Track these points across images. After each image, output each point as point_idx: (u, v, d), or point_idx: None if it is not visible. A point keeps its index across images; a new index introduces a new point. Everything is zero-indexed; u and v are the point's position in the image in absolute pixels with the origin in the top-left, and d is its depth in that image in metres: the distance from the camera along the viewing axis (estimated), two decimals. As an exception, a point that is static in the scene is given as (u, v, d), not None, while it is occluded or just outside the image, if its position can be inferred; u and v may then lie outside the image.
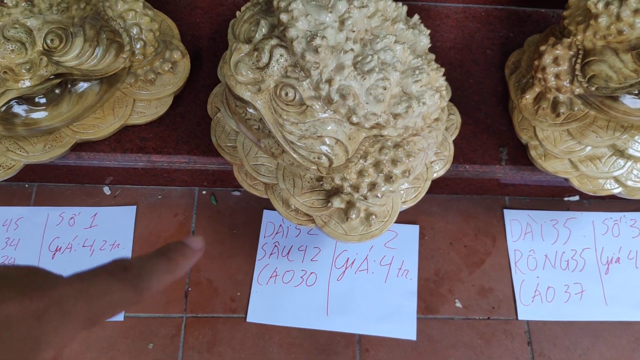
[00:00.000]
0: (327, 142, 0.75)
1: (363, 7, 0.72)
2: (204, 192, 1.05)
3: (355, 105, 0.71)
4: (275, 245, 1.00)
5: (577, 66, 0.80)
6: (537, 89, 0.87)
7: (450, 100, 0.96)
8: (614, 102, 0.80)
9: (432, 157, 0.91)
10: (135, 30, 0.86)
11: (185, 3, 1.04)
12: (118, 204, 1.03)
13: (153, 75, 0.91)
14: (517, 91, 0.93)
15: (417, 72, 0.74)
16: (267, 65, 0.73)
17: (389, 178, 0.80)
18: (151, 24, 0.88)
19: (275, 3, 0.73)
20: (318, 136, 0.74)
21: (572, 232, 1.05)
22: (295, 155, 0.76)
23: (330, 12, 0.70)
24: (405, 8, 0.80)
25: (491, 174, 0.95)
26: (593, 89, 0.79)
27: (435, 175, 0.90)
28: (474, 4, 1.07)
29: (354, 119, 0.72)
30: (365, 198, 0.81)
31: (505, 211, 1.05)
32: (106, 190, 1.04)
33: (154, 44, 0.89)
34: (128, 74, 0.90)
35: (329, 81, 0.71)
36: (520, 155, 0.93)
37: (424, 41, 0.79)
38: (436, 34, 1.04)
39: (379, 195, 0.80)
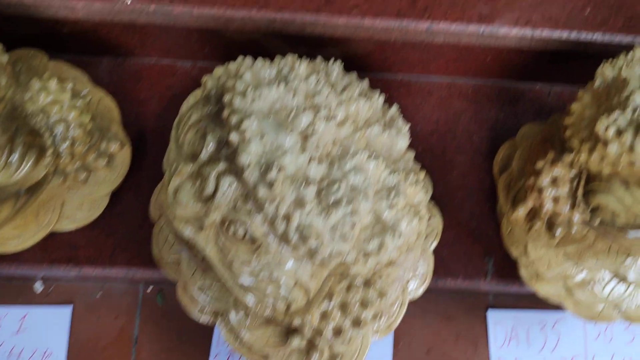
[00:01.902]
0: (284, 284, 0.63)
1: (330, 118, 0.60)
2: (149, 289, 0.92)
3: (319, 245, 0.59)
4: (230, 358, 0.89)
5: (580, 191, 0.69)
6: (530, 204, 0.75)
7: (431, 198, 0.84)
8: (621, 233, 0.69)
9: (409, 274, 0.79)
10: (60, 128, 0.72)
11: (129, 73, 0.90)
12: (51, 303, 0.90)
13: (85, 174, 0.77)
14: (507, 197, 0.81)
15: (392, 194, 0.62)
16: (213, 196, 0.61)
17: (357, 322, 0.68)
18: (81, 117, 0.74)
19: (225, 114, 0.60)
20: (273, 279, 0.62)
21: (561, 336, 0.94)
22: (245, 299, 0.64)
23: (291, 131, 0.58)
24: (380, 101, 0.68)
25: (475, 287, 0.84)
26: (596, 222, 0.68)
27: (412, 297, 0.79)
28: (461, 77, 0.94)
29: (317, 258, 0.60)
30: (330, 345, 0.69)
31: (489, 312, 0.94)
32: (38, 286, 0.90)
33: (85, 140, 0.75)
34: (54, 174, 0.76)
35: (287, 217, 0.58)
36: (508, 267, 0.82)
37: (402, 143, 0.67)
38: (416, 115, 0.91)
39: (346, 342, 0.69)
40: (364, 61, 0.90)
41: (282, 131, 0.57)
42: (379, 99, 0.68)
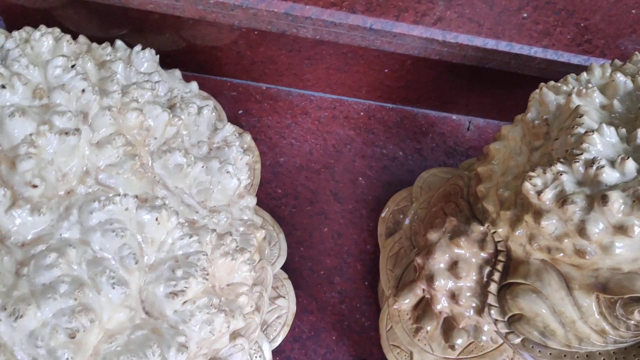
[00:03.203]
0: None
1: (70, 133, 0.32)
2: None
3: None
4: None
5: (492, 286, 0.42)
6: (419, 293, 0.48)
7: (286, 262, 0.56)
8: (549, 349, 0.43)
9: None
10: None
11: None
12: None
13: None
14: (390, 275, 0.53)
15: (180, 273, 0.35)
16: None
17: None
18: None
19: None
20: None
21: None
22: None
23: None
24: (207, 112, 0.41)
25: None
26: (517, 341, 0.41)
27: None
28: (350, 95, 0.67)
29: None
30: None
31: None
32: None
33: None
34: None
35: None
36: (387, 379, 0.54)
37: (230, 184, 0.40)
38: (282, 141, 0.63)
39: None
40: (204, 57, 0.61)
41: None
42: (201, 111, 0.41)
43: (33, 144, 0.33)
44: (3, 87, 0.33)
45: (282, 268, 0.55)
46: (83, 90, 0.35)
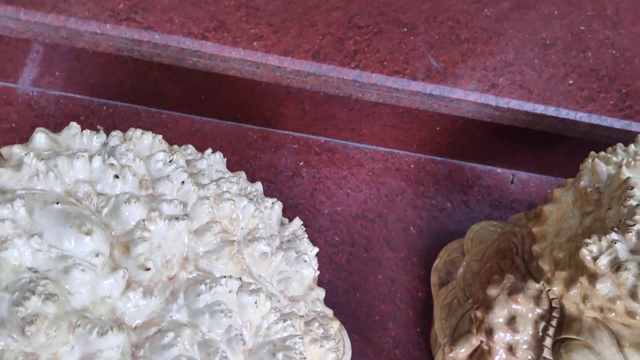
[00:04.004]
0: None
1: (180, 219, 0.36)
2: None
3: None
4: None
5: (547, 341, 0.45)
6: (475, 343, 0.52)
7: (342, 307, 0.60)
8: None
9: None
10: None
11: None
12: None
13: None
14: (445, 324, 0.57)
15: (280, 358, 0.39)
16: None
17: None
18: None
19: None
20: None
21: None
22: None
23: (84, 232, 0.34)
24: (276, 210, 0.45)
25: None
26: (571, 392, 0.44)
27: None
28: (401, 149, 0.72)
29: None
30: None
31: None
32: None
33: None
34: None
35: None
36: (440, 422, 0.58)
37: (306, 273, 0.44)
38: (339, 192, 0.68)
39: None
40: (271, 113, 0.67)
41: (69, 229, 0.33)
42: (273, 206, 0.45)
43: (145, 229, 0.36)
44: (116, 177, 0.37)
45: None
46: (183, 182, 0.39)
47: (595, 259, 0.41)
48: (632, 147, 0.48)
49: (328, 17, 0.60)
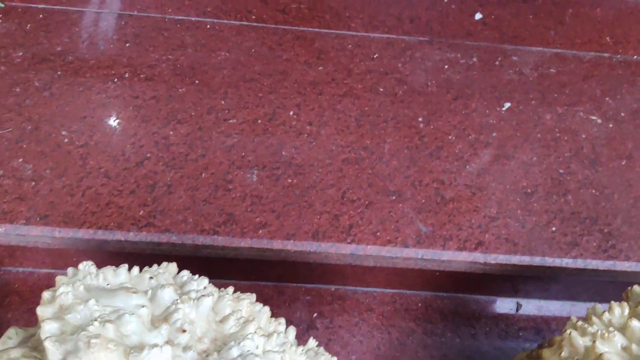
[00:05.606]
0: None
1: None
2: None
3: None
4: None
5: None
6: None
7: None
8: None
9: None
10: None
11: (-2, 284, 0.73)
12: None
13: None
14: None
15: None
16: None
17: None
18: None
19: None
20: None
21: None
22: None
23: None
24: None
25: None
26: None
27: None
28: (407, 289, 0.77)
29: None
30: None
31: None
32: None
33: None
34: None
35: None
36: None
37: None
38: (352, 340, 0.73)
39: None
40: (284, 270, 0.74)
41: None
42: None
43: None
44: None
45: None
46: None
47: None
48: (606, 315, 0.53)
49: (323, 196, 0.67)
